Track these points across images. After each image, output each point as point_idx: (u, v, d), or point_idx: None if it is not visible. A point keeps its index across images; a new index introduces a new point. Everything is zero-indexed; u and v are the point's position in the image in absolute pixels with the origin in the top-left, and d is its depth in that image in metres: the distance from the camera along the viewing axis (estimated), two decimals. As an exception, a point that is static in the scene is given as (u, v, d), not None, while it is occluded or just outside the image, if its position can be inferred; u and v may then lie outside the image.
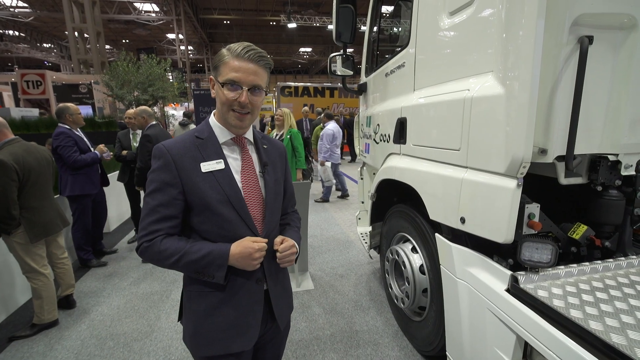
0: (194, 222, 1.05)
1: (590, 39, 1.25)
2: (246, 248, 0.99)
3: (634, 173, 1.46)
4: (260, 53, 1.00)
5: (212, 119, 1.10)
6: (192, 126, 9.15)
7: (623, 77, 1.34)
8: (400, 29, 2.85)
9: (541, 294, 1.25)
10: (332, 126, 5.98)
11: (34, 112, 9.36)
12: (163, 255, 0.98)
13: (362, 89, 3.06)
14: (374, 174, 2.84)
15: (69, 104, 3.53)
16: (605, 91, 1.36)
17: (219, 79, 1.00)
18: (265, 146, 1.18)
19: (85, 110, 3.68)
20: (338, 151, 6.07)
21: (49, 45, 27.26)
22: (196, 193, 1.01)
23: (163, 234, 1.00)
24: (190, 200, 1.02)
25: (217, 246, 1.00)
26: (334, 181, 6.29)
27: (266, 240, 1.05)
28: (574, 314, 1.13)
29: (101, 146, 3.65)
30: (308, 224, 3.43)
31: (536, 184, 1.55)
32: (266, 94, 1.07)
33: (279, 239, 1.12)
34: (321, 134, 6.07)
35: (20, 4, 19.89)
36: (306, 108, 8.53)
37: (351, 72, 2.85)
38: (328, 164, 6.03)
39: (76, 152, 3.35)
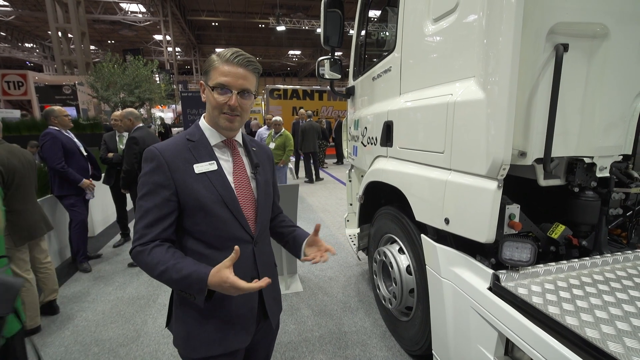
0: (187, 224, 1.05)
1: (566, 47, 1.31)
2: (221, 284, 0.90)
3: (608, 175, 1.53)
4: (249, 58, 1.02)
5: (203, 122, 1.11)
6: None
7: (597, 84, 1.41)
8: (387, 34, 2.90)
9: (521, 291, 1.30)
10: None
11: (16, 113, 9.14)
12: (149, 266, 0.97)
13: (350, 92, 3.09)
14: (362, 176, 2.87)
15: (55, 107, 3.47)
16: (580, 97, 1.42)
17: (209, 83, 1.02)
18: (254, 148, 1.22)
19: (69, 112, 3.59)
20: None
21: (31, 45, 26.60)
22: (190, 194, 1.01)
23: (156, 241, 0.98)
24: (184, 202, 1.02)
25: (197, 269, 0.94)
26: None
27: (248, 285, 0.90)
28: (552, 310, 1.17)
29: (88, 182, 3.53)
30: (297, 226, 3.45)
31: (517, 185, 1.60)
32: (255, 97, 1.09)
33: (318, 250, 1.17)
34: None
35: (1, 2, 19.36)
36: (302, 110, 9.36)
37: (339, 76, 2.89)
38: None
39: (61, 160, 3.30)
